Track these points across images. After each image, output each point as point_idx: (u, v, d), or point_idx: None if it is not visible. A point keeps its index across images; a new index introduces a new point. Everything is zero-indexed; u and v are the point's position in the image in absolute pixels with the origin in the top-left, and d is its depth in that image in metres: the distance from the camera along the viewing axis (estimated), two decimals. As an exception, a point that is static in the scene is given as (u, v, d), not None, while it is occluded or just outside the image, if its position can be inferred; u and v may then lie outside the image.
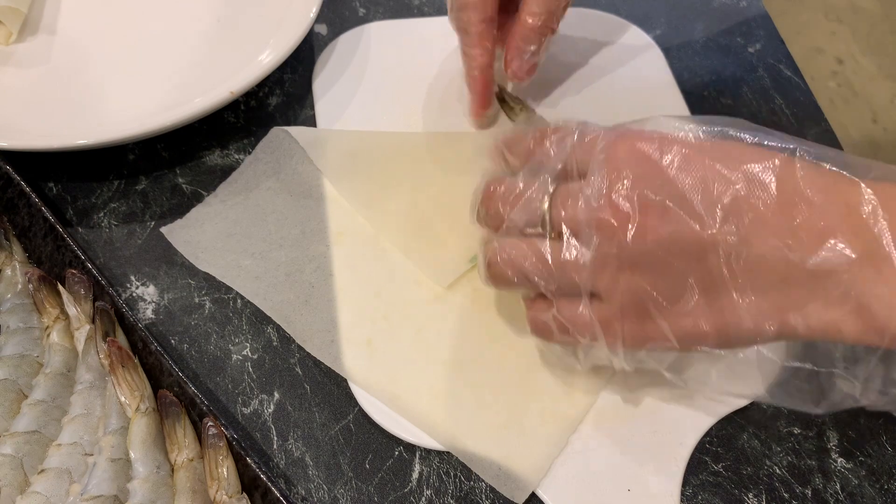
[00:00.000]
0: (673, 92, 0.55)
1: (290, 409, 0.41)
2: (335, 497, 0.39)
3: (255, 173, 0.49)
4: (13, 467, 0.36)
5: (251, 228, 0.47)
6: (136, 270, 0.46)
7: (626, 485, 0.39)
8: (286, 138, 0.49)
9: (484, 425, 0.40)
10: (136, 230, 0.47)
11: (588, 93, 0.54)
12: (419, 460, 0.40)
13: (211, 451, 0.37)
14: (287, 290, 0.44)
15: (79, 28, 0.55)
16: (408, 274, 0.45)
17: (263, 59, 0.52)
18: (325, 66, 0.55)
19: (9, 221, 0.46)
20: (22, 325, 0.42)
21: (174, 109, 0.48)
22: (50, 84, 0.52)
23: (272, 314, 0.43)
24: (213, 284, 0.45)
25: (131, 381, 0.39)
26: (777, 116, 0.55)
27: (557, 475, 0.39)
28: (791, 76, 0.58)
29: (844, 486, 0.40)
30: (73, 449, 0.37)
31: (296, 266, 0.45)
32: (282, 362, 0.43)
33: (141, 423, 0.38)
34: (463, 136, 0.50)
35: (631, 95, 0.54)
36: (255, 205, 0.48)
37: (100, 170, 0.50)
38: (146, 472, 0.37)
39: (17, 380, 0.40)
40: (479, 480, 0.39)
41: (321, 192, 0.48)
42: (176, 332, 0.44)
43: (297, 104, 0.54)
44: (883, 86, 1.66)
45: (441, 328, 0.43)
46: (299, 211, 0.48)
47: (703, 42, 0.59)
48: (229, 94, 0.48)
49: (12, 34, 0.54)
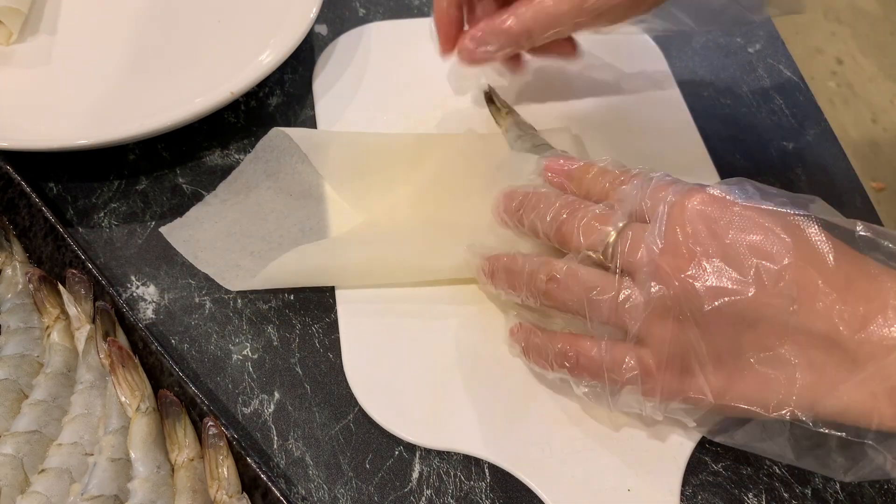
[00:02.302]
0: (672, 91, 0.55)
1: (290, 409, 0.41)
2: (335, 497, 0.39)
3: (254, 172, 0.49)
4: (13, 467, 0.36)
5: (250, 227, 0.47)
6: (137, 270, 0.46)
7: (626, 484, 0.39)
8: (286, 138, 0.49)
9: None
10: (136, 230, 0.47)
11: (588, 93, 0.54)
12: (419, 460, 0.40)
13: (211, 450, 0.37)
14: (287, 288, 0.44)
15: (79, 28, 0.55)
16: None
17: (263, 60, 0.52)
18: (326, 66, 0.55)
19: (9, 221, 0.46)
20: (22, 325, 0.42)
21: (174, 109, 0.48)
22: (50, 84, 0.52)
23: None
24: (214, 284, 0.45)
25: (132, 381, 0.39)
26: (777, 116, 0.55)
27: (557, 475, 0.39)
28: (791, 76, 0.58)
29: (844, 485, 0.40)
30: (73, 449, 0.37)
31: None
32: (282, 362, 0.43)
33: (141, 422, 0.38)
34: (463, 137, 0.50)
35: (630, 95, 0.54)
36: (254, 204, 0.48)
37: (100, 170, 0.50)
38: (146, 472, 0.37)
39: (17, 380, 0.40)
40: (480, 480, 0.39)
41: (321, 192, 0.48)
42: (176, 332, 0.44)
43: (297, 104, 0.54)
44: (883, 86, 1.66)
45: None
46: (299, 210, 0.48)
47: (703, 42, 0.59)
48: (229, 94, 0.48)
49: (13, 34, 0.54)
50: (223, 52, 0.54)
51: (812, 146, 0.54)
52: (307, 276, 0.44)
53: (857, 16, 1.77)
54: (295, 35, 0.52)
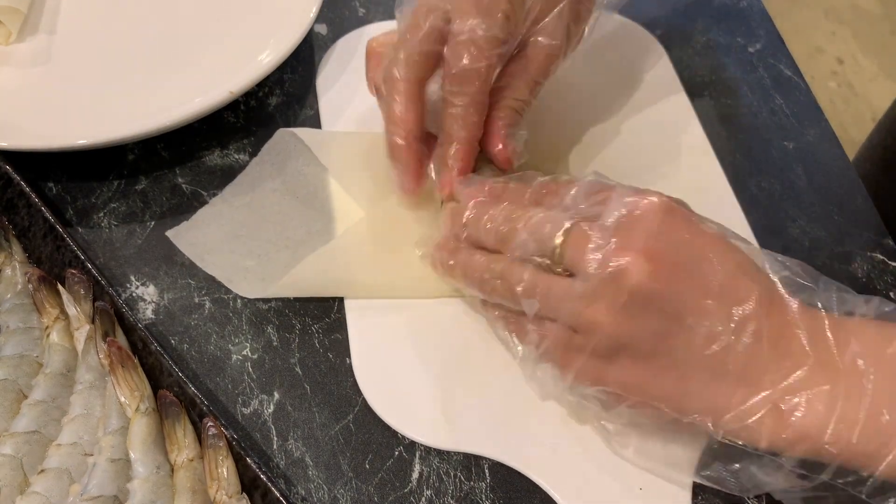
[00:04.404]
0: (676, 90, 0.55)
1: (290, 409, 0.41)
2: (335, 497, 0.39)
3: (260, 175, 0.49)
4: (13, 467, 0.36)
5: (257, 230, 0.47)
6: (136, 270, 0.46)
7: (637, 483, 0.39)
8: (291, 140, 0.49)
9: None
10: (135, 230, 0.47)
11: (592, 92, 0.54)
12: (419, 460, 0.40)
13: (211, 451, 0.37)
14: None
15: (79, 28, 0.55)
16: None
17: (263, 59, 0.52)
18: (327, 65, 0.55)
19: (8, 221, 0.46)
20: (22, 325, 0.42)
21: (174, 109, 0.47)
22: (50, 84, 0.52)
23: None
24: (214, 284, 0.45)
25: (131, 382, 0.39)
26: (777, 116, 0.55)
27: (567, 473, 0.39)
28: (791, 76, 0.58)
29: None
30: (72, 449, 0.37)
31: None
32: (282, 362, 0.43)
33: (141, 423, 0.38)
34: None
35: (634, 94, 0.54)
36: (260, 206, 0.48)
37: (100, 170, 0.50)
38: (146, 473, 0.37)
39: (16, 380, 0.40)
40: (480, 480, 0.39)
41: (327, 193, 0.48)
42: (176, 332, 0.44)
43: (297, 104, 0.54)
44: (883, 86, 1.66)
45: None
46: (305, 212, 0.47)
47: (703, 42, 0.59)
48: (229, 94, 0.48)
49: (12, 34, 0.54)
50: (222, 52, 0.54)
51: (812, 146, 0.54)
52: (317, 290, 0.44)
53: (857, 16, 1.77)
54: (295, 35, 0.52)
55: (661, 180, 0.49)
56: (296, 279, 0.43)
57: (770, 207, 0.50)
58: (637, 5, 0.60)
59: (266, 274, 0.45)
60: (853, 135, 1.54)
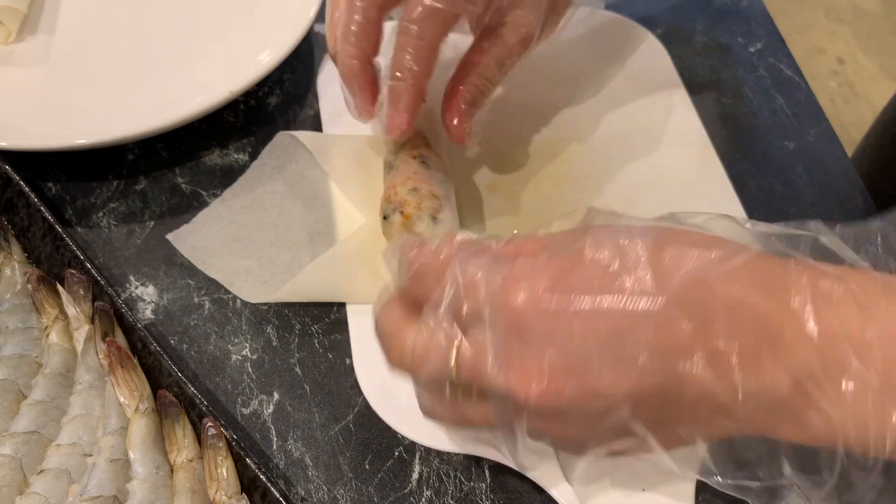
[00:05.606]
0: (678, 89, 0.54)
1: (289, 410, 0.41)
2: (335, 497, 0.39)
3: (260, 177, 0.49)
4: (12, 468, 0.36)
5: (258, 233, 0.46)
6: (136, 270, 0.46)
7: (640, 484, 0.39)
8: (291, 142, 0.49)
9: None
10: (135, 230, 0.47)
11: (593, 90, 0.54)
12: (419, 461, 0.40)
13: (210, 451, 0.37)
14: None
15: (79, 28, 0.55)
16: None
17: (263, 59, 0.52)
18: (327, 65, 0.55)
19: (8, 221, 0.46)
20: (21, 325, 0.42)
21: (174, 109, 0.47)
22: (50, 84, 0.52)
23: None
24: (213, 284, 0.45)
25: (130, 382, 0.39)
26: (777, 116, 0.55)
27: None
28: (792, 76, 0.58)
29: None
30: (72, 449, 0.37)
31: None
32: (281, 362, 0.43)
33: (140, 423, 0.38)
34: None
35: (635, 93, 0.54)
36: (261, 209, 0.48)
37: (99, 170, 0.50)
38: (145, 473, 0.36)
39: (16, 380, 0.40)
40: (480, 481, 0.39)
41: (328, 195, 0.48)
42: (175, 333, 0.44)
43: (296, 104, 0.54)
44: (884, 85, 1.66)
45: None
46: (306, 214, 0.47)
47: (703, 42, 0.59)
48: (229, 93, 0.48)
49: (12, 34, 0.54)
50: (222, 52, 0.54)
51: (813, 146, 0.54)
52: (318, 297, 0.44)
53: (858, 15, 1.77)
54: (294, 34, 0.52)
55: (662, 180, 0.49)
56: (296, 287, 0.43)
57: (770, 207, 0.50)
58: (637, 4, 0.60)
59: (267, 276, 0.45)
60: (853, 135, 1.54)
